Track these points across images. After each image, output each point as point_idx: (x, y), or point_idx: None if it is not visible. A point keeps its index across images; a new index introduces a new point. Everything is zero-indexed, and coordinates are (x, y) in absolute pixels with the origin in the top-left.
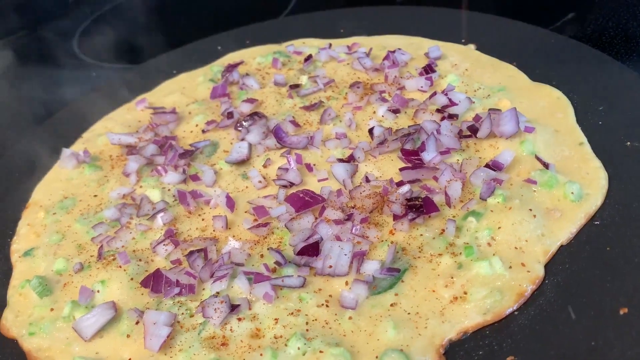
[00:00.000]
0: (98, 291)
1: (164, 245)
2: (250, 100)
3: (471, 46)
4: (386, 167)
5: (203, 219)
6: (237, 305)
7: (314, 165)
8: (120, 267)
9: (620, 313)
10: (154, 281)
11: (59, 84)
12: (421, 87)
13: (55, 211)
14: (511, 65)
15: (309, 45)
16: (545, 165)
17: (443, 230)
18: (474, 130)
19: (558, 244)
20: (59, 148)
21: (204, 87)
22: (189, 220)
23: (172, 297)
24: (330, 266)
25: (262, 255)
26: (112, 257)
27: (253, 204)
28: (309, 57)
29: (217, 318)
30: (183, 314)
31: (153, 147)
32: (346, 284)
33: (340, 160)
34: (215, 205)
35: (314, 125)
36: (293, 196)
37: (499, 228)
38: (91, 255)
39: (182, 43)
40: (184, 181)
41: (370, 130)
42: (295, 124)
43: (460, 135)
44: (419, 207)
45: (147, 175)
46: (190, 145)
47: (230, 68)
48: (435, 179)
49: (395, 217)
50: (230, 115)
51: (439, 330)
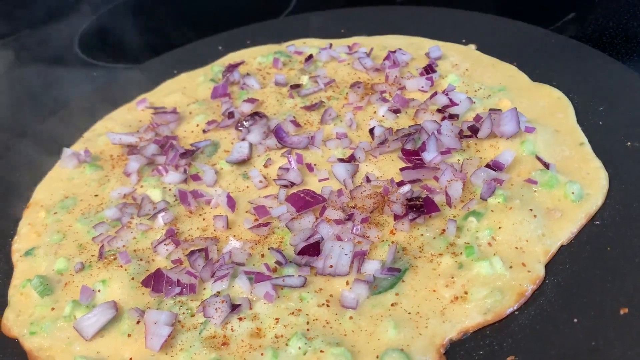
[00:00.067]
0: (99, 291)
1: (164, 244)
2: (251, 100)
3: (472, 46)
4: (387, 167)
5: (204, 219)
6: (238, 305)
7: (315, 165)
8: (121, 267)
9: (621, 313)
10: (155, 281)
11: (60, 83)
12: (422, 87)
13: (56, 211)
14: (512, 65)
15: (309, 45)
16: (546, 166)
17: (444, 230)
18: (474, 130)
19: (558, 244)
20: (60, 148)
21: (204, 87)
22: (190, 220)
23: (173, 297)
24: (331, 266)
25: (263, 255)
26: (113, 257)
27: (254, 203)
28: (310, 57)
29: (218, 317)
30: (184, 313)
31: (154, 147)
32: (347, 283)
33: (341, 160)
34: (216, 205)
35: (314, 125)
36: (294, 196)
37: (499, 228)
38: (92, 255)
39: (183, 43)
40: (185, 181)
41: (371, 130)
42: (296, 124)
43: (461, 135)
44: (420, 207)
45: (148, 175)
46: (191, 145)
47: (231, 68)
48: (436, 179)
49: (396, 217)
50: (231, 115)
51: (439, 330)
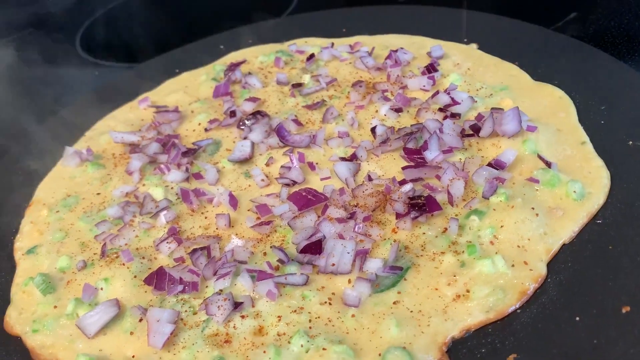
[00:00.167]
0: (101, 289)
1: (167, 243)
2: (253, 99)
3: (473, 45)
4: (389, 166)
5: (206, 217)
6: (241, 303)
7: (317, 164)
8: (123, 265)
9: (623, 311)
10: (158, 279)
11: (62, 82)
12: (423, 86)
13: (59, 209)
14: (513, 64)
15: (311, 44)
16: (548, 164)
17: (446, 228)
18: (476, 129)
19: (560, 243)
20: (62, 146)
21: (206, 86)
22: (192, 218)
23: (176, 295)
24: (333, 264)
25: (265, 253)
26: (116, 255)
27: (256, 202)
28: (312, 56)
29: (221, 315)
30: (186, 311)
31: (156, 146)
32: (349, 282)
33: (343, 159)
34: (218, 204)
35: (316, 124)
36: (296, 194)
37: (501, 227)
38: (94, 253)
39: (185, 42)
40: (187, 179)
41: (373, 129)
42: (297, 122)
43: (463, 134)
44: (422, 206)
45: (150, 173)
46: (193, 143)
47: (233, 67)
48: (438, 177)
49: (398, 216)
50: (232, 114)
51: (441, 328)
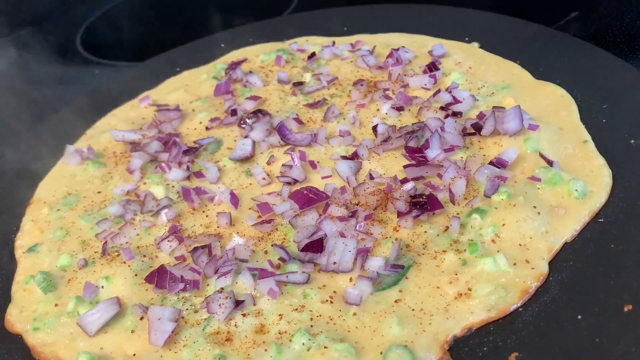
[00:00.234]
0: (102, 287)
1: (168, 241)
2: (254, 98)
3: (475, 44)
4: (390, 165)
5: (207, 216)
6: (242, 301)
7: (318, 162)
8: (124, 263)
9: (625, 310)
10: (159, 277)
11: (63, 81)
12: (425, 85)
13: (59, 207)
14: (515, 63)
15: (312, 43)
16: (549, 163)
17: (447, 227)
18: (478, 127)
19: (562, 241)
20: (63, 145)
21: (207, 85)
22: (193, 216)
23: (177, 293)
24: (335, 262)
25: (266, 252)
26: (117, 253)
27: (257, 200)
28: (313, 55)
29: (222, 314)
30: (187, 309)
31: (157, 144)
32: (350, 280)
33: (344, 157)
34: (219, 202)
35: (317, 122)
36: (297, 193)
37: (503, 225)
38: (95, 252)
39: (186, 41)
40: (188, 178)
41: (374, 128)
42: (298, 121)
43: (464, 133)
44: (423, 204)
45: (151, 172)
46: (194, 142)
47: (234, 66)
48: (440, 176)
49: (399, 214)
50: (233, 112)
51: (443, 327)
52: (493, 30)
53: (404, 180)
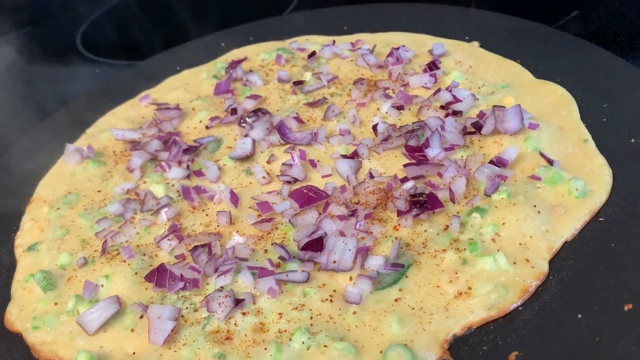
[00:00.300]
0: (102, 285)
1: (168, 240)
2: (254, 97)
3: (475, 43)
4: (390, 164)
5: (207, 214)
6: (242, 300)
7: (318, 161)
8: (124, 262)
9: (625, 309)
10: (158, 276)
11: (63, 80)
12: (425, 84)
13: (59, 206)
14: (515, 62)
15: (312, 42)
16: (550, 162)
17: (447, 226)
18: (478, 126)
19: (562, 240)
20: (63, 144)
21: (207, 84)
22: (193, 215)
23: (177, 292)
24: (335, 261)
25: (266, 251)
26: (116, 252)
27: (257, 199)
28: (313, 54)
29: (222, 312)
30: (187, 308)
31: (157, 143)
32: (350, 279)
33: (344, 156)
34: (219, 201)
35: (317, 121)
36: (297, 192)
37: (503, 224)
38: (95, 250)
39: (186, 39)
40: (188, 177)
41: (374, 127)
42: (299, 120)
43: (465, 132)
44: (423, 203)
45: (151, 170)
46: (194, 141)
47: (234, 64)
48: (440, 175)
49: (400, 213)
50: (234, 111)
51: (443, 326)
52: (493, 30)
53: (404, 179)
